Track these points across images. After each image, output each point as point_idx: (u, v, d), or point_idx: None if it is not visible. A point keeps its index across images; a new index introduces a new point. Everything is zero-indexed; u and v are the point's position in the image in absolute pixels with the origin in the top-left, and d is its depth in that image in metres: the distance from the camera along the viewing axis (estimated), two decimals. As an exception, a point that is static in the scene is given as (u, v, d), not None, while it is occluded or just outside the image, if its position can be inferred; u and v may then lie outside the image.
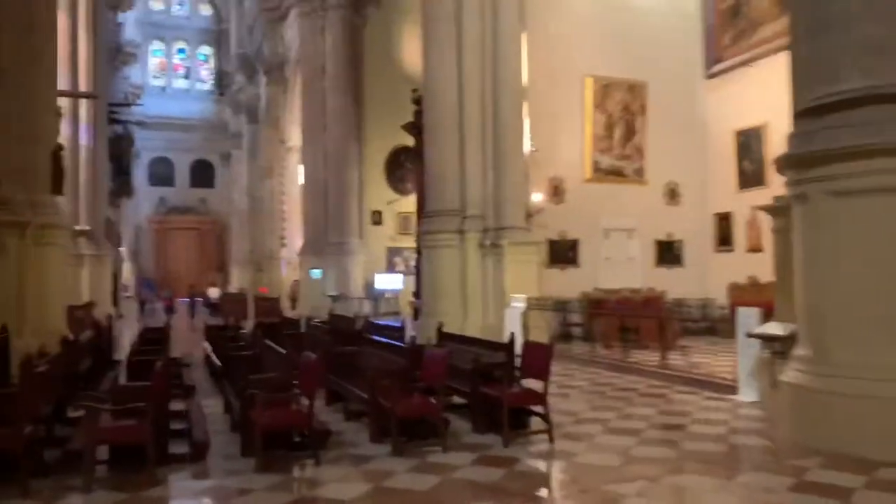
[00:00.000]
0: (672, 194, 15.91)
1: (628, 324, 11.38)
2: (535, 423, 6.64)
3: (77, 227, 22.48)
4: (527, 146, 13.92)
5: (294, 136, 30.38)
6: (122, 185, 28.24)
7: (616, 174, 15.23)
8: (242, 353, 8.46)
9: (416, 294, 16.78)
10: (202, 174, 52.64)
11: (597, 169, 15.01)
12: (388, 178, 25.81)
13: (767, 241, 11.37)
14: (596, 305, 13.39)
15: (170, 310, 30.16)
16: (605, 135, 15.01)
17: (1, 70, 10.66)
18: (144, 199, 49.78)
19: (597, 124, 14.96)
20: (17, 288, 10.62)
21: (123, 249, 36.14)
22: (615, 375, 10.38)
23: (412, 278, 19.76)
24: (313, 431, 5.79)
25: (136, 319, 27.23)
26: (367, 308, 23.55)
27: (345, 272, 25.12)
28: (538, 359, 6.41)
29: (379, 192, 26.01)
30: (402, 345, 7.49)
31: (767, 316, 7.88)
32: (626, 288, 15.04)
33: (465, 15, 13.96)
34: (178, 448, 5.94)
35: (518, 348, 7.23)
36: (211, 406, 8.14)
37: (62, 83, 22.19)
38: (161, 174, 51.66)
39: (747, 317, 8.34)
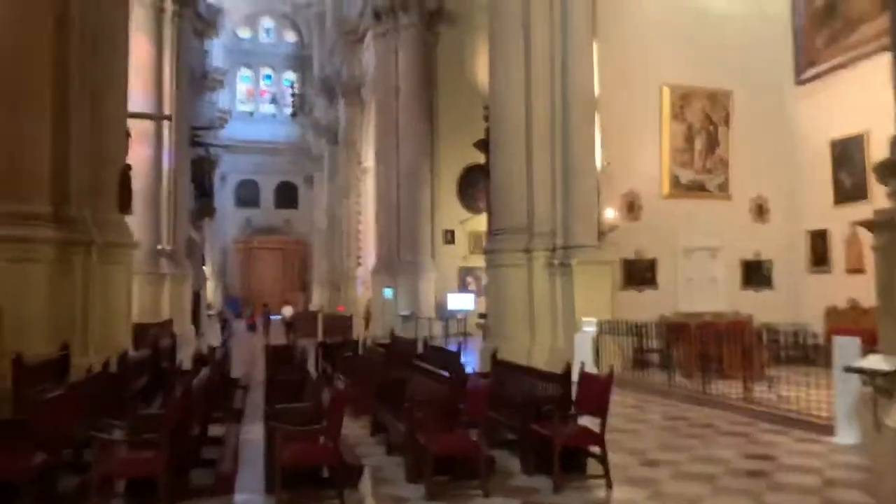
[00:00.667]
0: (759, 210, 14.68)
1: (710, 351, 10.36)
2: (592, 465, 5.89)
3: (158, 247, 23.19)
4: (598, 160, 13.15)
5: (370, 156, 30.53)
6: (203, 206, 29.02)
7: (697, 189, 14.18)
8: (281, 377, 8.08)
9: (483, 315, 16.18)
10: (286, 196, 54.00)
11: (676, 184, 14.03)
12: (460, 197, 25.45)
13: (869, 260, 10.14)
14: (675, 330, 12.37)
15: (252, 328, 30.72)
16: (684, 147, 14.03)
17: (73, 92, 10.89)
18: (231, 220, 51.57)
19: (675, 136, 14.00)
20: (82, 306, 10.74)
21: (206, 269, 37.22)
22: (693, 408, 9.42)
23: (484, 298, 19.16)
24: (341, 467, 5.28)
25: (216, 338, 27.82)
26: (437, 329, 23.13)
27: (416, 291, 24.83)
28: (595, 393, 5.70)
29: (451, 211, 25.67)
30: (445, 374, 6.89)
31: (870, 346, 6.83)
32: (709, 311, 13.90)
33: (534, 27, 13.42)
34: (205, 479, 5.56)
35: (577, 378, 6.50)
36: (256, 433, 7.80)
37: (146, 106, 23.07)
38: (247, 196, 53.30)
39: (846, 347, 7.29)
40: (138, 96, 23.04)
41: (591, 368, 11.86)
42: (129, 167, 11.93)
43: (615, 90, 13.55)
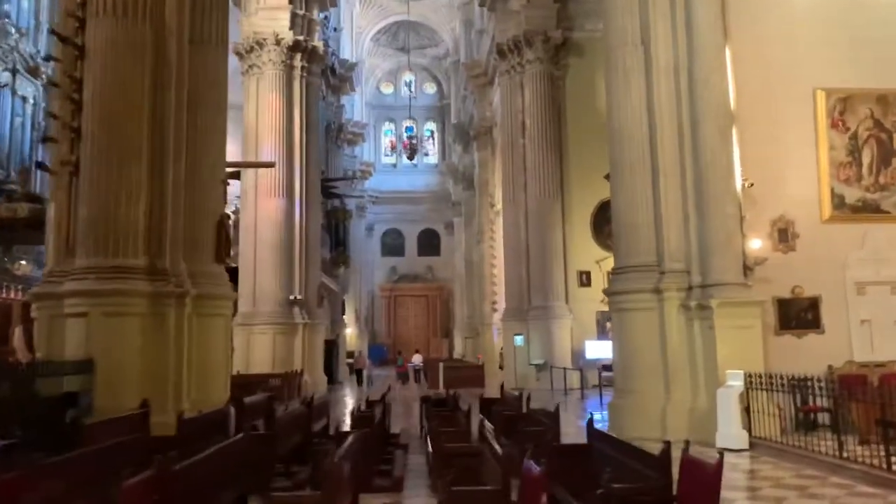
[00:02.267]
0: (959, 232, 11.81)
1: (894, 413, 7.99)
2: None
3: (291, 297, 23.44)
4: (739, 182, 11.16)
5: (501, 198, 29.59)
6: (339, 255, 29.36)
7: (870, 210, 11.63)
8: (448, 443, 6.94)
9: (607, 367, 14.32)
10: (429, 243, 54.69)
11: (840, 204, 11.59)
12: (594, 235, 23.65)
13: None
14: (848, 384, 9.94)
15: (404, 377, 30.13)
16: (848, 161, 11.59)
17: (168, 146, 10.85)
18: (378, 268, 52.88)
19: (835, 148, 11.63)
20: (176, 358, 10.43)
21: (347, 317, 37.72)
22: (876, 492, 7.16)
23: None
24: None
25: (352, 388, 27.65)
26: (575, 379, 21.28)
27: (550, 338, 23.17)
28: (701, 486, 4.03)
29: (586, 251, 23.90)
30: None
31: None
32: (894, 360, 11.22)
33: (654, 33, 11.85)
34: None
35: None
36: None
37: (275, 158, 23.70)
38: (392, 244, 54.60)
39: None
40: (268, 149, 23.85)
41: (738, 433, 9.79)
42: (226, 217, 11.71)
43: (756, 100, 11.56)
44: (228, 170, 14.09)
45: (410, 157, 38.84)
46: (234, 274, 25.07)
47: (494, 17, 27.22)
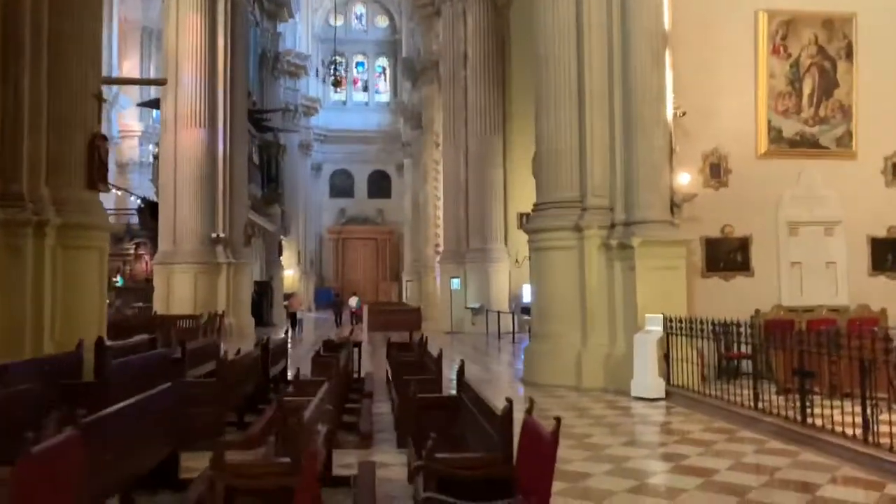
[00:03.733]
0: (896, 172, 11.15)
1: (814, 361, 7.29)
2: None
3: (213, 235, 22.08)
4: (670, 111, 10.21)
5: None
6: (271, 192, 27.88)
7: (807, 144, 10.83)
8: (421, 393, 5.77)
9: (526, 310, 13.55)
10: (379, 185, 53.24)
11: (777, 138, 10.74)
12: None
13: None
14: (775, 329, 9.26)
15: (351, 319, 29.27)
16: (787, 91, 10.70)
17: (24, 47, 9.37)
18: (326, 209, 51.38)
19: (776, 76, 10.71)
20: (33, 298, 9.21)
21: (287, 259, 36.48)
22: (788, 449, 6.47)
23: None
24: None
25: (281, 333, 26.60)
26: (511, 323, 20.62)
27: (487, 282, 22.38)
28: (538, 460, 3.10)
29: (527, 192, 22.83)
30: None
31: None
32: (823, 305, 10.63)
33: (584, -55, 10.63)
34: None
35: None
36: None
37: (196, 86, 21.98)
38: (341, 186, 52.93)
39: None
40: (189, 75, 22.05)
41: (654, 381, 9.08)
42: (100, 137, 10.30)
43: (692, 21, 10.54)
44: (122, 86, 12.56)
45: (336, 85, 36.79)
46: (154, 209, 23.56)
47: (437, -60, 25.47)
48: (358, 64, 54.75)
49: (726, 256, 10.61)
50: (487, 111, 22.48)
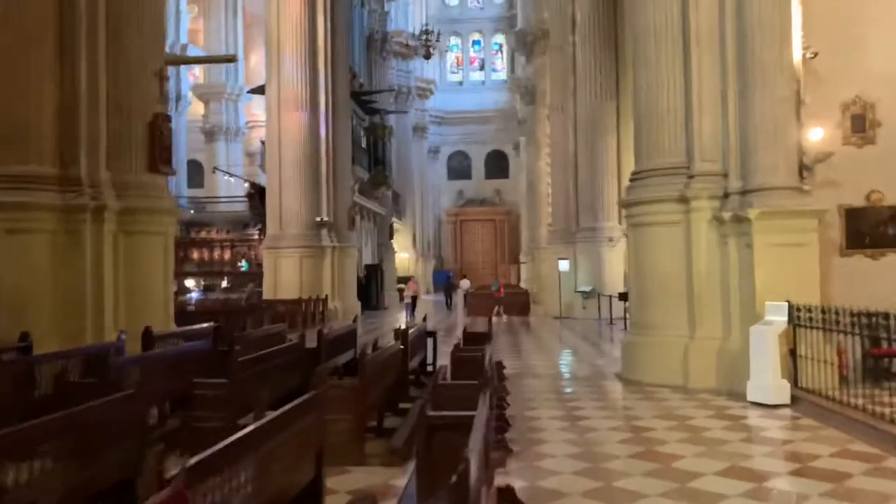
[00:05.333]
0: None
1: None
2: None
3: (318, 219, 21.94)
4: (798, 52, 8.31)
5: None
6: (377, 175, 27.48)
7: None
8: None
9: (623, 296, 11.91)
10: (497, 165, 52.35)
11: (944, 81, 8.52)
12: (653, 146, 20.64)
13: None
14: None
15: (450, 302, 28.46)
16: (959, 18, 8.43)
17: (82, 27, 9.07)
18: (444, 192, 51.13)
19: (941, 1, 8.48)
20: (93, 285, 8.94)
21: (399, 242, 36.22)
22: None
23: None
24: None
25: (395, 316, 26.21)
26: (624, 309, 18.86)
27: (598, 263, 20.69)
28: None
29: (643, 164, 20.96)
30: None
31: None
32: None
33: None
34: None
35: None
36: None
37: (295, 66, 21.76)
38: (459, 168, 52.53)
39: None
40: (290, 59, 21.90)
41: (776, 383, 7.40)
42: (163, 117, 9.90)
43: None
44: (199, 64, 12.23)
45: (426, 57, 35.48)
46: (261, 194, 23.80)
47: None
48: (474, 42, 53.81)
49: (874, 230, 8.56)
50: (598, 75, 20.64)
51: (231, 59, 20.02)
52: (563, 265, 21.10)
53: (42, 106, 8.81)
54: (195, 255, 31.88)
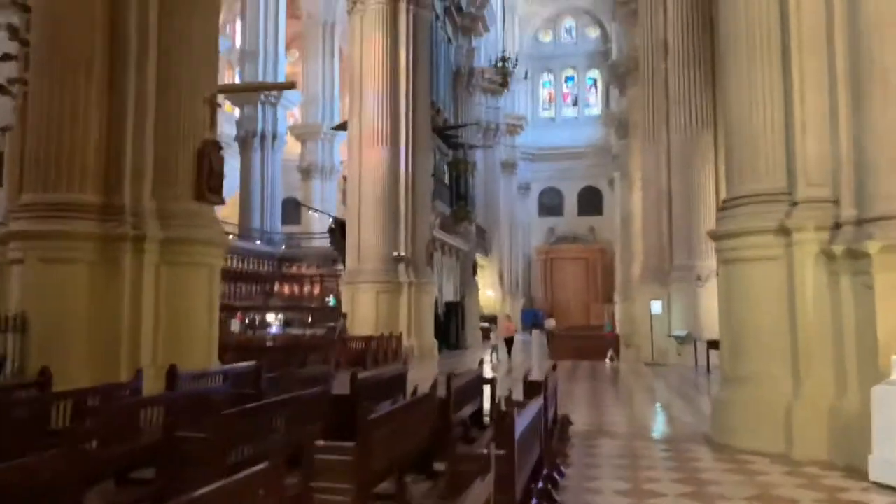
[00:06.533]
0: None
1: None
2: None
3: (395, 254, 21.45)
4: (928, 52, 6.85)
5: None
6: (459, 210, 26.78)
7: None
8: None
9: (713, 344, 10.34)
10: (590, 201, 51.10)
11: None
12: (755, 177, 18.87)
13: None
14: None
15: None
16: None
17: (131, 52, 8.85)
18: (534, 229, 50.22)
19: None
20: (130, 318, 8.50)
21: (483, 280, 35.27)
22: None
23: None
24: None
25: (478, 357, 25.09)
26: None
27: (695, 305, 18.91)
28: None
29: (745, 197, 19.20)
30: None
31: None
32: None
33: None
34: None
35: None
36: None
37: (377, 101, 21.55)
38: (550, 204, 51.64)
39: None
40: (372, 93, 21.76)
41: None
42: (213, 144, 9.50)
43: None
44: (237, 92, 11.93)
45: (503, 85, 34.49)
46: (342, 229, 23.57)
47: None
48: (567, 78, 53.07)
49: None
50: (692, 102, 19.21)
51: (290, 86, 20.17)
52: (656, 306, 19.46)
53: (88, 133, 8.57)
54: (286, 290, 32.27)
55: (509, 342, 22.74)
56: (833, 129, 7.35)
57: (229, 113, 42.40)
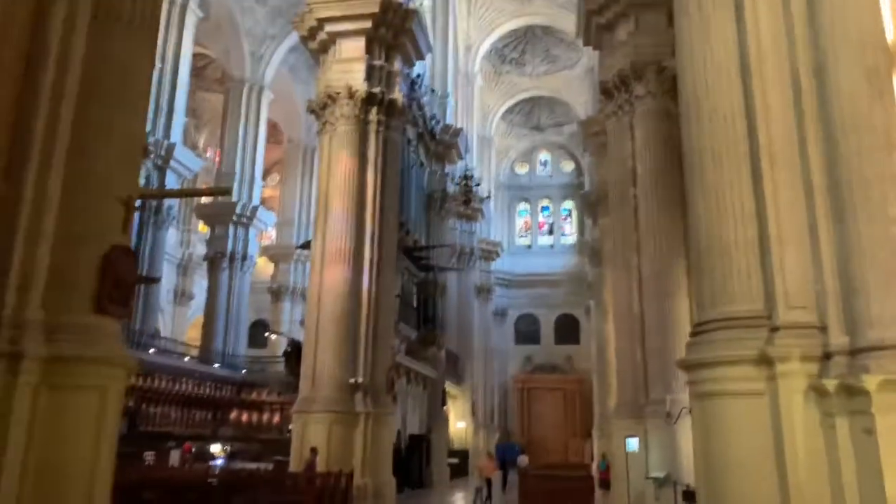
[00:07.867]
0: None
1: None
2: None
3: (352, 381, 19.91)
4: (911, 161, 6.12)
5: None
6: (427, 334, 25.54)
7: None
8: None
9: (689, 495, 8.99)
10: (567, 330, 50.28)
11: None
12: (731, 306, 18.04)
13: None
14: None
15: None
16: None
17: (34, 142, 7.95)
18: (511, 357, 49.14)
19: None
20: (-7, 451, 7.02)
21: (454, 410, 33.47)
22: None
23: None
24: None
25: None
26: None
27: (674, 444, 17.36)
28: None
29: (722, 328, 18.28)
30: None
31: None
32: None
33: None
34: None
35: None
36: None
37: (343, 222, 20.83)
38: (526, 332, 50.82)
39: None
40: (338, 212, 21.10)
41: None
42: (121, 249, 8.41)
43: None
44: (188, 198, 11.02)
45: (466, 203, 34.65)
46: (298, 352, 22.11)
47: (599, 56, 23.35)
48: (543, 208, 54.05)
49: None
50: (662, 229, 18.65)
51: (224, 192, 19.21)
52: (632, 444, 17.90)
53: (-30, 233, 7.49)
54: (244, 417, 30.23)
55: (489, 483, 20.75)
56: (813, 243, 6.49)
57: (202, 233, 42.02)
